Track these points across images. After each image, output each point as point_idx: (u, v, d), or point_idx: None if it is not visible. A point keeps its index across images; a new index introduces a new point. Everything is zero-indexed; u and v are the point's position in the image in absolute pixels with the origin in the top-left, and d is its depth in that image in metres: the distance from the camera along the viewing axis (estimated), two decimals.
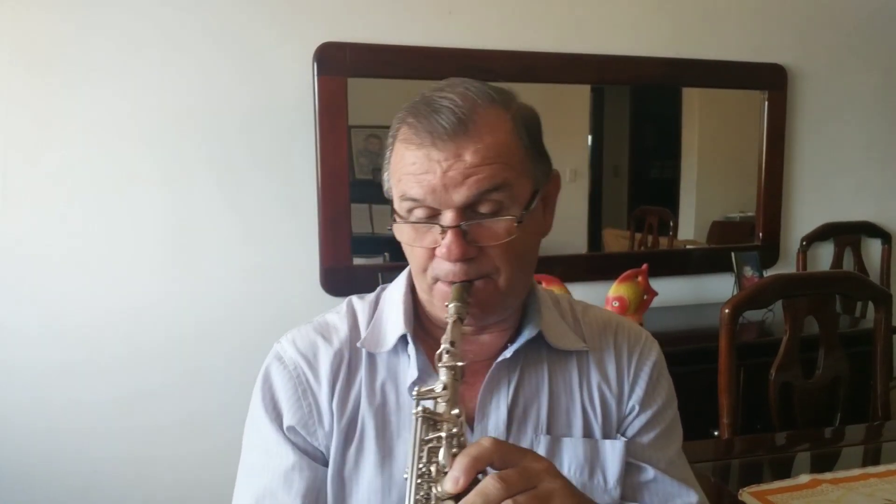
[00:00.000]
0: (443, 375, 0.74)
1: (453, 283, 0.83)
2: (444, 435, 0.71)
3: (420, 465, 0.70)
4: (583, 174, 2.75)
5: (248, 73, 2.24)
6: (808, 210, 2.93)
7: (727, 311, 1.64)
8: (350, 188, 2.33)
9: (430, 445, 0.71)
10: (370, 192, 2.37)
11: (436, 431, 0.71)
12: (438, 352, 0.76)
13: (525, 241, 0.85)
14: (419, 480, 0.70)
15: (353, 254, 2.37)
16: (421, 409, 0.72)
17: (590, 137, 2.77)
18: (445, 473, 0.68)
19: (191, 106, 2.19)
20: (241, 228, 2.27)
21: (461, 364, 0.75)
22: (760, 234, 2.87)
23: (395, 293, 0.96)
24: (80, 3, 2.07)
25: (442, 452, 0.70)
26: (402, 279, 0.96)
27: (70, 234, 2.13)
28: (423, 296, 0.91)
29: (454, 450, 0.70)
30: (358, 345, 0.92)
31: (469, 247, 0.81)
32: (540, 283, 2.20)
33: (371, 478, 0.87)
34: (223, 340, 2.26)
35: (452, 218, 0.81)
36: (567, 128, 2.74)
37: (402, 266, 0.95)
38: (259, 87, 2.25)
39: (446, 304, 0.82)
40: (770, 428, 1.68)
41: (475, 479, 0.66)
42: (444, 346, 0.76)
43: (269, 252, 2.31)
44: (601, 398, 0.94)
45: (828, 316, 1.73)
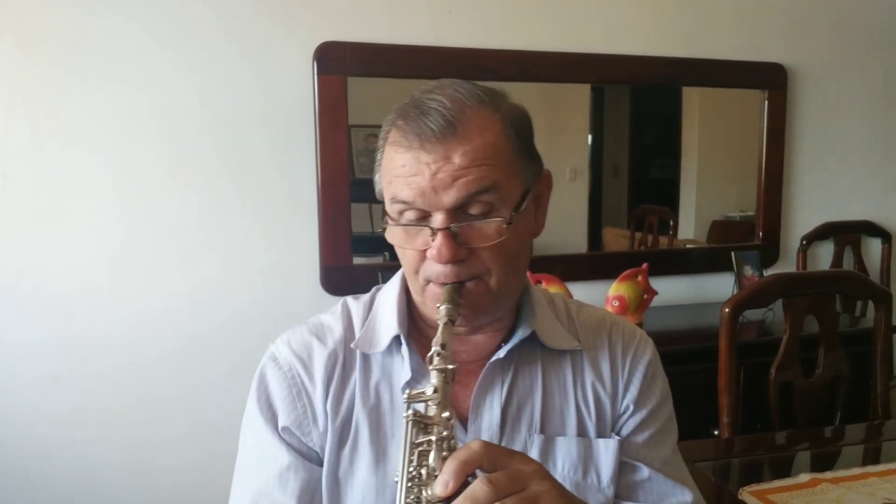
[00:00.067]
0: (433, 378, 0.74)
1: (444, 284, 0.83)
2: (435, 438, 0.71)
3: (410, 469, 0.70)
4: (583, 173, 2.75)
5: (247, 73, 2.24)
6: (807, 209, 2.93)
7: (727, 310, 1.64)
8: (350, 188, 2.33)
9: (420, 449, 0.71)
10: (370, 192, 2.35)
11: (426, 435, 0.71)
12: (429, 354, 0.76)
13: (516, 242, 0.85)
14: (409, 484, 0.70)
15: (354, 253, 2.37)
16: (411, 412, 0.72)
17: (590, 137, 2.77)
18: (436, 477, 0.68)
19: (190, 105, 2.19)
20: (241, 228, 2.28)
21: (452, 367, 0.75)
22: (760, 234, 2.87)
23: (389, 294, 0.96)
24: (78, 2, 2.07)
25: (432, 456, 0.70)
26: (396, 280, 0.96)
27: (69, 237, 2.13)
28: (416, 297, 0.91)
29: (444, 453, 0.70)
30: (352, 346, 0.92)
31: (459, 248, 0.82)
32: (540, 282, 2.21)
33: (365, 478, 0.88)
34: (223, 340, 2.26)
35: (442, 220, 0.81)
36: (567, 127, 2.73)
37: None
38: (259, 87, 2.25)
39: (438, 306, 0.82)
40: (770, 427, 1.68)
41: (465, 482, 0.66)
42: (435, 349, 0.76)
43: (270, 251, 2.31)
44: (595, 397, 0.94)
45: (828, 315, 1.73)
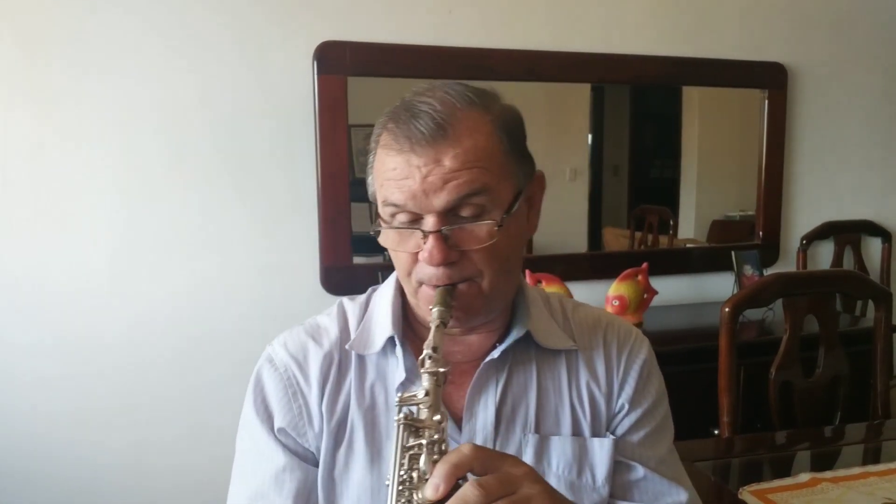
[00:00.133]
0: (425, 381, 0.74)
1: (437, 286, 0.84)
2: (426, 442, 0.71)
3: (402, 472, 0.70)
4: (583, 173, 2.75)
5: (247, 72, 2.24)
6: (808, 209, 2.93)
7: (727, 309, 1.64)
8: (350, 187, 2.33)
9: (411, 452, 0.71)
10: None
11: (418, 438, 0.71)
12: (421, 357, 0.76)
13: (508, 244, 0.85)
14: (400, 487, 0.70)
15: (354, 253, 2.37)
16: (403, 415, 0.72)
17: (590, 136, 2.77)
18: (426, 480, 0.68)
19: (190, 105, 2.19)
20: (241, 228, 2.28)
21: (443, 370, 0.75)
22: (760, 233, 2.86)
23: (384, 295, 0.96)
24: (78, 3, 2.08)
25: (423, 459, 0.70)
26: (391, 281, 0.96)
27: (69, 237, 2.13)
28: (410, 299, 0.91)
29: (435, 457, 0.70)
30: (347, 347, 0.92)
31: (451, 251, 0.82)
32: (540, 282, 2.21)
33: (361, 478, 0.88)
34: (223, 340, 2.26)
35: (433, 223, 0.81)
36: (567, 127, 2.73)
37: None
38: (259, 86, 2.25)
39: (430, 308, 0.82)
40: (770, 427, 1.68)
41: (456, 486, 0.66)
42: (427, 352, 0.76)
43: (270, 251, 2.31)
44: (590, 397, 0.94)
45: (828, 315, 1.73)
